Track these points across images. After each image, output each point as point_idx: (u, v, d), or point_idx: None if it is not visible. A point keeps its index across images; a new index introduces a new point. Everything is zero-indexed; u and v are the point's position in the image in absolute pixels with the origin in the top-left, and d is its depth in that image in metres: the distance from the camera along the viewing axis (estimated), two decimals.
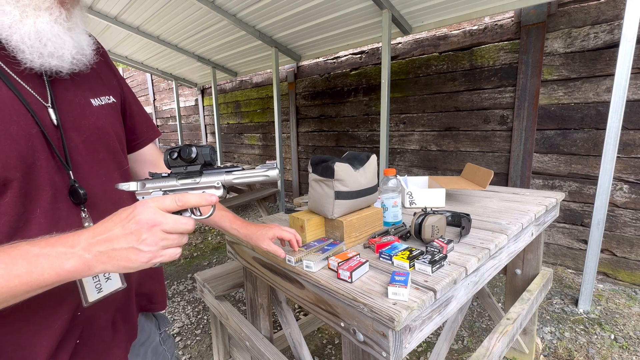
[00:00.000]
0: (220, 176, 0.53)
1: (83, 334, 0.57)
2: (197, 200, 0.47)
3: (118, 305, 0.63)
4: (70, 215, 0.54)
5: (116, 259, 0.43)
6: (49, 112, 0.52)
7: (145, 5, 3.41)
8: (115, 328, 0.63)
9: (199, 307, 2.37)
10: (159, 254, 0.44)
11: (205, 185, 0.53)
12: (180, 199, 0.46)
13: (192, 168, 0.53)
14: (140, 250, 0.42)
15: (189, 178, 0.53)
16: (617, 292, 2.32)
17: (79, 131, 0.56)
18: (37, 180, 0.50)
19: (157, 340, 0.80)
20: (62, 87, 0.56)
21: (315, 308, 0.85)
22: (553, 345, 1.82)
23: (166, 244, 0.44)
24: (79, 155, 0.56)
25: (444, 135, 3.23)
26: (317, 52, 4.01)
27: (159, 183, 0.53)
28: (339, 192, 0.96)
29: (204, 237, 3.87)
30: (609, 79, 2.29)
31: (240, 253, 1.19)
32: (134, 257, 0.43)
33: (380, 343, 0.68)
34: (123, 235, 0.42)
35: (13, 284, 0.40)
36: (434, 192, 1.36)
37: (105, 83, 0.65)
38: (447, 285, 0.76)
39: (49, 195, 0.51)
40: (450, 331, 1.17)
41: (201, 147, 0.53)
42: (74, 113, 0.56)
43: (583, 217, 2.53)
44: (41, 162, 0.50)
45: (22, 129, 0.48)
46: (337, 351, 1.86)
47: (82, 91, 0.58)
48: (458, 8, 2.62)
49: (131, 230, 0.42)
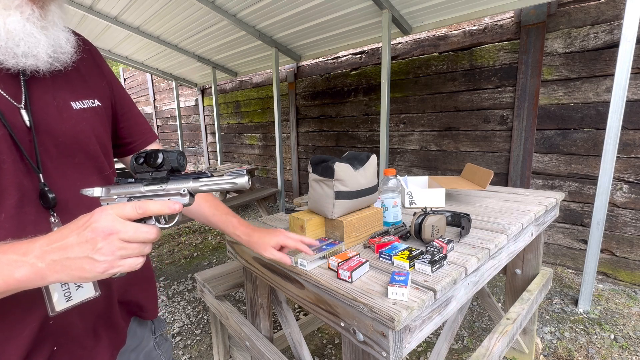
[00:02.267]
0: (186, 183, 0.50)
1: (60, 341, 0.55)
2: (159, 208, 0.45)
3: (99, 313, 0.61)
4: (39, 220, 0.52)
5: (70, 268, 0.40)
6: (21, 113, 0.50)
7: (146, 5, 3.41)
8: (98, 335, 0.60)
9: (199, 307, 2.38)
10: (116, 264, 0.41)
11: (171, 192, 0.51)
12: (141, 206, 0.44)
13: (159, 174, 0.51)
14: (94, 260, 0.40)
15: (155, 184, 0.51)
16: (617, 292, 2.32)
17: (53, 134, 0.54)
18: (1, 183, 0.48)
19: (150, 345, 0.77)
20: (40, 88, 0.54)
21: (315, 308, 0.86)
22: (553, 345, 1.82)
23: (125, 254, 0.42)
24: (51, 159, 0.54)
25: (444, 135, 3.23)
26: (317, 52, 4.01)
27: (124, 189, 0.51)
28: (339, 192, 0.96)
29: (204, 237, 3.87)
30: (608, 79, 2.29)
31: (240, 253, 1.19)
32: (89, 267, 0.40)
33: (380, 343, 0.68)
34: (78, 243, 0.40)
35: None
36: (433, 192, 1.36)
37: (91, 86, 0.63)
38: (447, 285, 0.76)
39: (15, 199, 0.49)
40: (450, 331, 1.17)
41: (168, 153, 0.51)
42: (50, 116, 0.54)
43: (583, 217, 2.53)
44: (7, 165, 0.48)
45: None
46: (337, 351, 1.86)
47: (62, 93, 0.56)
48: (458, 8, 2.62)
49: (87, 238, 0.40)
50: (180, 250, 3.52)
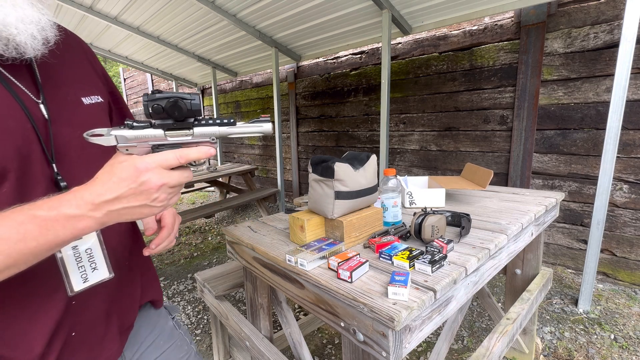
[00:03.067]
0: (214, 128, 0.49)
1: (76, 327, 0.58)
2: (196, 155, 0.48)
3: (111, 297, 0.64)
4: None
5: (129, 215, 0.46)
6: (40, 108, 0.54)
7: (146, 5, 3.41)
8: (109, 321, 0.63)
9: (199, 307, 2.38)
10: (167, 205, 0.49)
11: (198, 140, 0.49)
12: (182, 155, 0.47)
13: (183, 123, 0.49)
14: (152, 206, 0.47)
15: (179, 130, 0.48)
16: (617, 292, 2.32)
17: (72, 127, 0.57)
18: (31, 171, 0.52)
19: (170, 324, 0.82)
20: (53, 84, 0.57)
21: (315, 308, 0.86)
22: (553, 345, 1.82)
23: (172, 195, 0.48)
24: (71, 150, 0.57)
25: (444, 135, 3.23)
26: (317, 52, 4.01)
27: (142, 132, 0.48)
28: (339, 192, 0.96)
29: (204, 237, 3.87)
30: (608, 79, 2.29)
31: (240, 253, 1.19)
32: (147, 211, 0.47)
33: (380, 343, 0.68)
34: (134, 195, 0.45)
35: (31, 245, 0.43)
36: (433, 192, 1.36)
37: (92, 83, 0.66)
38: (447, 285, 0.76)
39: (43, 187, 0.53)
40: (450, 331, 1.17)
41: (191, 99, 0.48)
42: (66, 110, 0.57)
43: (583, 217, 2.53)
44: (35, 155, 0.52)
45: (18, 123, 0.50)
46: (337, 351, 1.86)
47: (73, 90, 0.60)
48: (458, 8, 2.62)
49: (141, 191, 0.45)
50: (180, 250, 3.52)
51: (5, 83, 0.51)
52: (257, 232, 1.18)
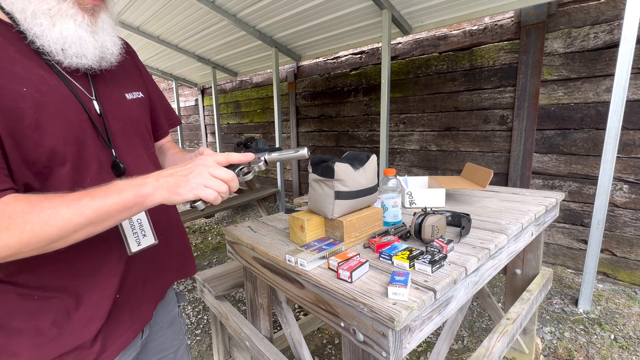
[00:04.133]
0: (264, 154, 0.72)
1: (123, 282, 0.68)
2: (237, 158, 0.65)
3: (151, 262, 0.74)
4: None
5: (171, 184, 0.57)
6: (94, 104, 0.66)
7: (146, 5, 3.41)
8: (145, 285, 0.73)
9: (199, 307, 2.37)
10: (200, 188, 0.57)
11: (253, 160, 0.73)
12: (227, 156, 0.64)
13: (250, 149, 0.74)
14: (189, 180, 0.57)
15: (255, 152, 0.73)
16: (617, 292, 2.32)
17: (117, 119, 0.69)
18: (86, 156, 0.63)
19: (175, 311, 0.90)
20: (103, 83, 0.69)
21: (315, 308, 0.86)
22: (553, 345, 1.82)
23: (209, 184, 0.58)
24: (118, 139, 0.69)
25: (444, 135, 3.23)
26: (317, 52, 4.01)
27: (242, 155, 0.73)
28: (339, 192, 0.96)
29: (204, 237, 3.87)
30: (608, 79, 2.29)
31: (240, 253, 1.19)
32: (183, 184, 0.57)
33: (380, 343, 0.68)
34: (182, 170, 0.59)
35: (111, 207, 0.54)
36: (433, 192, 1.36)
37: (135, 81, 0.79)
38: (447, 285, 0.76)
39: (95, 168, 0.64)
40: (450, 331, 1.17)
41: (257, 140, 0.75)
42: (113, 105, 0.69)
43: (583, 217, 2.53)
44: (90, 142, 0.63)
45: (76, 116, 0.61)
46: (337, 351, 1.86)
47: (118, 87, 0.72)
48: (458, 8, 2.62)
49: (189, 168, 0.59)
50: None
51: (67, 83, 0.62)
52: (257, 232, 1.18)
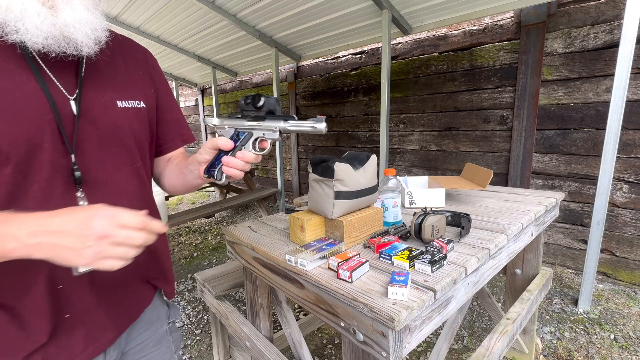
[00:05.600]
0: (278, 122, 0.65)
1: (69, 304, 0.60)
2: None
3: (112, 282, 0.66)
4: (67, 194, 0.59)
5: (57, 252, 0.46)
6: (71, 104, 0.60)
7: (145, 5, 3.41)
8: (105, 307, 0.65)
9: (199, 307, 2.38)
10: (96, 263, 0.47)
11: (265, 128, 0.66)
12: (145, 221, 0.50)
13: (259, 113, 0.67)
14: (80, 254, 0.46)
15: (255, 121, 0.67)
16: (617, 292, 2.32)
17: (96, 125, 0.63)
18: (39, 160, 0.56)
19: (163, 329, 0.82)
20: (93, 85, 0.64)
21: (315, 308, 0.86)
22: (553, 345, 1.82)
23: (109, 255, 0.47)
24: (91, 146, 0.62)
25: (444, 135, 3.23)
26: (317, 52, 4.01)
27: (233, 122, 0.69)
28: (339, 192, 0.96)
29: (204, 237, 3.87)
30: (608, 79, 2.29)
31: (240, 253, 1.19)
32: (72, 258, 0.46)
33: (380, 343, 0.68)
34: (73, 235, 0.45)
35: None
36: (433, 192, 1.36)
37: (139, 89, 0.73)
38: (447, 285, 0.76)
39: (47, 174, 0.57)
40: (450, 331, 1.17)
41: (268, 98, 0.66)
42: (96, 109, 0.63)
43: (583, 217, 2.53)
44: (48, 145, 0.57)
45: (37, 115, 0.55)
46: (337, 351, 1.86)
47: (110, 91, 0.66)
48: (458, 8, 2.62)
49: (82, 234, 0.45)
50: (180, 250, 3.52)
51: (40, 78, 0.56)
52: (257, 232, 1.18)
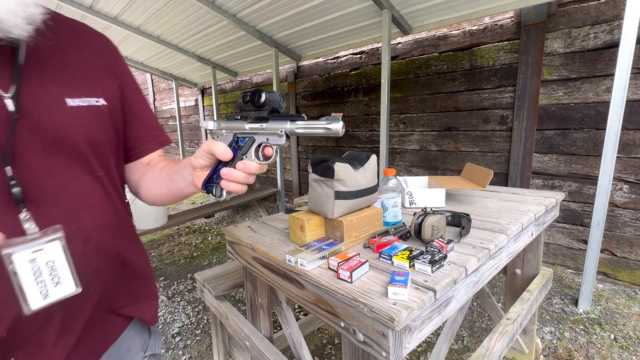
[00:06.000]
0: (284, 124, 0.54)
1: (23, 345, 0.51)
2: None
3: (71, 315, 0.55)
4: (7, 216, 0.49)
5: None
6: (6, 103, 0.48)
7: (146, 5, 3.41)
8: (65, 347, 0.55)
9: (199, 307, 2.37)
10: None
11: (269, 132, 0.56)
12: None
13: (261, 114, 0.56)
14: None
15: (257, 123, 0.57)
16: (617, 292, 2.32)
17: (40, 129, 0.51)
18: None
19: None
20: (36, 79, 0.52)
21: (315, 308, 0.85)
22: (553, 345, 1.82)
23: None
24: (36, 154, 0.51)
25: (444, 135, 3.23)
26: (317, 52, 4.01)
27: (231, 124, 0.60)
28: (339, 192, 0.96)
29: (203, 237, 3.87)
30: (608, 79, 2.29)
31: (240, 253, 1.19)
32: None
33: (380, 343, 0.68)
34: None
35: None
36: (433, 192, 1.36)
37: (98, 84, 0.60)
38: (447, 285, 0.76)
39: None
40: (450, 331, 1.17)
41: (270, 93, 0.55)
42: (39, 110, 0.51)
43: (583, 217, 2.53)
44: None
45: None
46: (337, 351, 1.86)
47: (59, 88, 0.54)
48: (458, 8, 2.62)
49: None
50: (180, 250, 3.52)
51: None
52: (257, 232, 1.18)
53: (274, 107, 0.55)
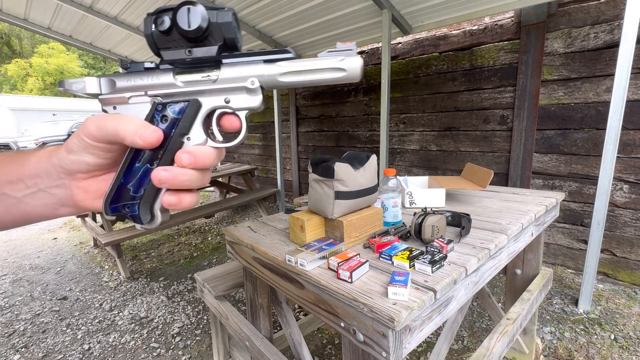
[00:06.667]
0: (256, 66, 0.31)
1: None
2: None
3: None
4: None
5: None
6: None
7: (145, 5, 3.41)
8: None
9: (199, 307, 2.37)
10: None
11: (228, 85, 0.31)
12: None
13: (202, 52, 0.31)
14: None
15: (198, 71, 0.32)
16: (617, 292, 2.32)
17: None
18: None
19: None
20: None
21: (315, 308, 0.85)
22: (553, 346, 1.82)
23: None
24: None
25: (444, 135, 3.22)
26: (316, 52, 4.00)
27: (142, 80, 0.32)
28: (339, 192, 0.95)
29: (203, 237, 3.87)
30: (609, 79, 2.29)
31: (240, 253, 1.19)
32: None
33: (380, 343, 0.68)
34: None
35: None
36: (434, 192, 1.36)
37: None
38: (447, 285, 0.76)
39: None
40: (450, 331, 1.17)
41: (216, 11, 0.30)
42: None
43: (583, 217, 2.53)
44: None
45: None
46: (337, 351, 1.86)
47: None
48: (458, 8, 2.62)
49: None
50: (179, 250, 3.52)
51: None
52: (257, 232, 1.18)
53: (226, 37, 0.30)
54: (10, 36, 26.47)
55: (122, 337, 2.08)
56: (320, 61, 0.30)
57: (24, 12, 3.80)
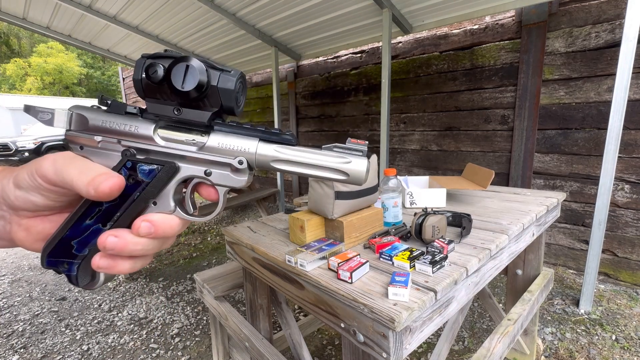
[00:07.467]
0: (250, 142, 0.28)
1: None
2: None
3: None
4: None
5: None
6: None
7: (145, 4, 3.40)
8: None
9: (199, 308, 2.37)
10: None
11: (214, 157, 0.28)
12: None
13: (193, 114, 0.28)
14: None
15: (184, 132, 0.28)
16: (619, 292, 2.31)
17: None
18: None
19: None
20: None
21: (315, 309, 0.85)
22: (554, 346, 1.81)
23: None
24: None
25: (445, 135, 3.22)
26: (317, 52, 4.00)
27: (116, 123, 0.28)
28: (339, 192, 0.95)
29: (203, 238, 3.86)
30: (610, 79, 2.28)
31: (239, 253, 1.19)
32: None
33: (380, 344, 0.68)
34: None
35: None
36: (434, 192, 1.35)
37: None
38: (448, 285, 0.75)
39: None
40: (451, 332, 1.16)
41: (220, 72, 0.27)
42: None
43: (584, 217, 2.52)
44: None
45: None
46: (337, 352, 1.85)
47: None
48: (459, 7, 2.61)
49: None
50: (179, 250, 3.51)
51: None
52: (256, 232, 1.18)
53: (224, 104, 0.28)
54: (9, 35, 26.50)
55: (121, 338, 2.07)
56: (322, 157, 0.28)
57: (23, 11, 3.79)
